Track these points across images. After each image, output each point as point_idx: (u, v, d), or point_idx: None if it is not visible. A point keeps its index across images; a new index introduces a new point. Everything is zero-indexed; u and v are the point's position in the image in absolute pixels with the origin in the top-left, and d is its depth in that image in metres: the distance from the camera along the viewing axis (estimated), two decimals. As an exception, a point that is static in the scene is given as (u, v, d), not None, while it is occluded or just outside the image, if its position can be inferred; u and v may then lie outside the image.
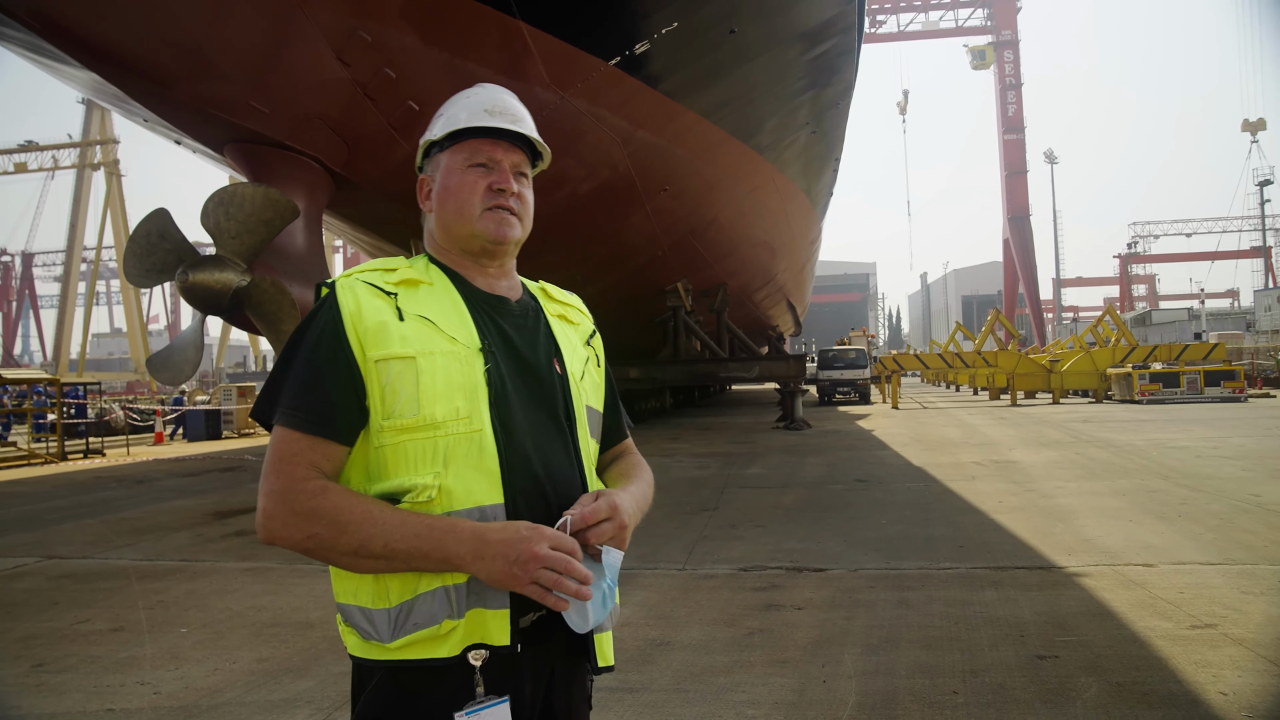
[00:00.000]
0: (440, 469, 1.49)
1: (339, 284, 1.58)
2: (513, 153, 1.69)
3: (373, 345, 1.51)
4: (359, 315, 1.53)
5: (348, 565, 1.49)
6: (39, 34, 8.53)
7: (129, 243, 9.12)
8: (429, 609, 1.47)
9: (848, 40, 19.01)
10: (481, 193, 1.64)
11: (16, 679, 4.69)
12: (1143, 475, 10.79)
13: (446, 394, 1.51)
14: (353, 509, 1.45)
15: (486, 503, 1.49)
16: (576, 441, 1.66)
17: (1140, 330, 53.80)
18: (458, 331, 1.57)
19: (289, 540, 1.47)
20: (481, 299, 1.66)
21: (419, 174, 1.76)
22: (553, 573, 1.41)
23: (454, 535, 1.43)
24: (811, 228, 30.19)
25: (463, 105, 1.69)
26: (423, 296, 1.60)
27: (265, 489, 1.49)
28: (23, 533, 9.43)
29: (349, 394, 1.51)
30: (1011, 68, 70.72)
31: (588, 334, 1.85)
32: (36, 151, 64.15)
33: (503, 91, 1.73)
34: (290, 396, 1.52)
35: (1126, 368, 29.22)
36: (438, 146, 1.70)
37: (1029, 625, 4.97)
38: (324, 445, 1.50)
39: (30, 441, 21.14)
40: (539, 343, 1.68)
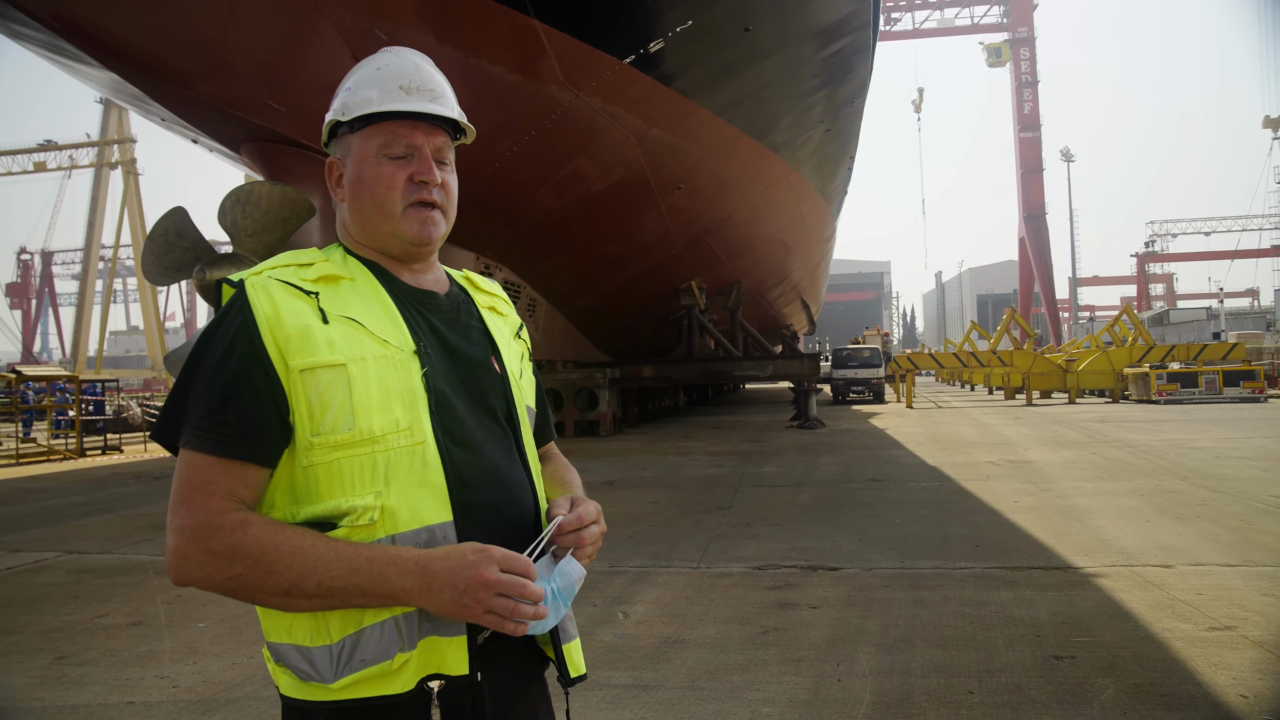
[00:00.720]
0: (381, 488, 1.33)
1: (249, 283, 1.38)
2: (434, 135, 1.50)
3: (296, 353, 1.34)
4: (276, 319, 1.34)
5: (278, 606, 1.32)
6: (59, 34, 8.61)
7: (147, 241, 9.19)
8: (378, 643, 1.31)
9: (863, 38, 18.95)
10: (401, 187, 1.46)
11: (40, 671, 4.74)
12: (1160, 476, 10.72)
13: (383, 404, 1.35)
14: (280, 545, 1.27)
15: (434, 521, 1.35)
16: (522, 445, 1.54)
17: (1158, 330, 53.41)
18: (389, 333, 1.40)
19: (207, 582, 1.30)
20: (409, 294, 1.49)
21: (326, 155, 1.56)
22: (507, 599, 1.27)
23: (396, 568, 1.27)
24: (826, 226, 30.12)
25: (373, 79, 1.49)
26: (345, 295, 1.42)
27: (175, 524, 1.31)
28: (43, 528, 9.53)
29: (269, 409, 1.33)
30: (1027, 65, 70.28)
31: (516, 327, 1.71)
32: (55, 151, 64.63)
33: (417, 59, 1.54)
34: (200, 415, 1.33)
35: (1144, 367, 29.02)
36: (346, 127, 1.50)
37: (1045, 625, 4.95)
38: (242, 470, 1.32)
39: (50, 438, 21.33)
40: (474, 340, 1.54)
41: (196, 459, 1.32)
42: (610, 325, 21.27)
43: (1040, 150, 70.50)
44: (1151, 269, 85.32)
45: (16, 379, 21.31)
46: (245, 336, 1.34)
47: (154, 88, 9.55)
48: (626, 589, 6.05)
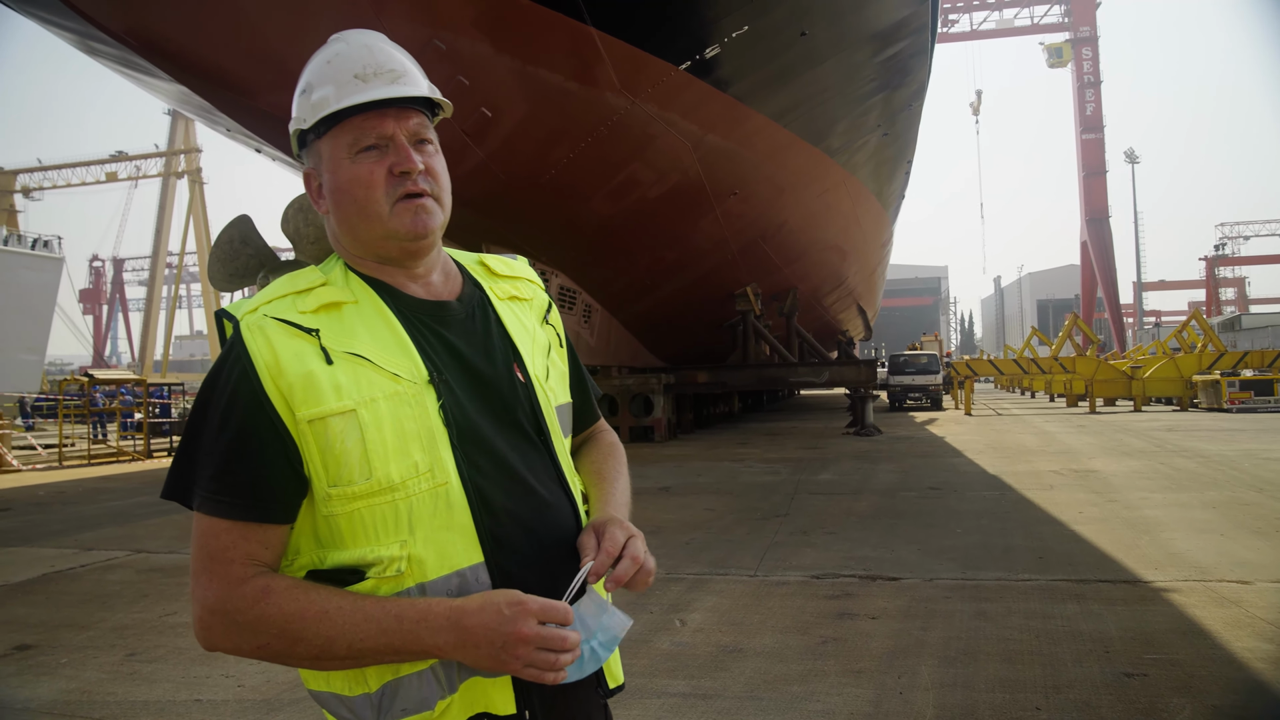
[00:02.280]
0: (406, 536, 1.26)
1: (244, 325, 1.29)
2: (406, 118, 1.36)
3: (302, 403, 1.25)
4: (277, 367, 1.25)
5: (313, 668, 1.28)
6: (133, 50, 8.89)
7: (213, 248, 9.33)
8: (417, 692, 1.28)
9: (920, 41, 18.71)
10: (382, 183, 1.33)
11: (112, 666, 4.88)
12: (1234, 487, 10.37)
13: (400, 448, 1.27)
14: (305, 612, 1.21)
15: (464, 564, 1.28)
16: (554, 455, 1.43)
17: (1229, 336, 51.72)
18: (399, 365, 1.30)
19: (235, 651, 1.27)
20: (418, 310, 1.38)
21: (300, 165, 1.45)
22: (547, 653, 1.20)
23: (427, 624, 1.21)
24: (883, 231, 29.78)
25: (327, 76, 1.36)
26: (349, 323, 1.32)
27: (197, 594, 1.26)
28: (113, 527, 9.81)
29: (280, 465, 1.26)
30: (1090, 65, 68.68)
31: (544, 309, 1.57)
32: (125, 161, 66.71)
33: (369, 38, 1.40)
34: (209, 476, 1.26)
35: (1214, 374, 28.12)
36: (313, 134, 1.38)
37: (1114, 641, 4.81)
38: (259, 531, 1.26)
39: (119, 439, 21.99)
40: (494, 350, 1.42)
41: (210, 524, 1.26)
42: (665, 331, 21.28)
43: (1103, 152, 68.79)
44: (1222, 273, 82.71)
45: (88, 382, 22.02)
46: (247, 389, 1.25)
47: (221, 99, 9.81)
48: (683, 596, 6.03)
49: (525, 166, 12.17)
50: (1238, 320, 59.14)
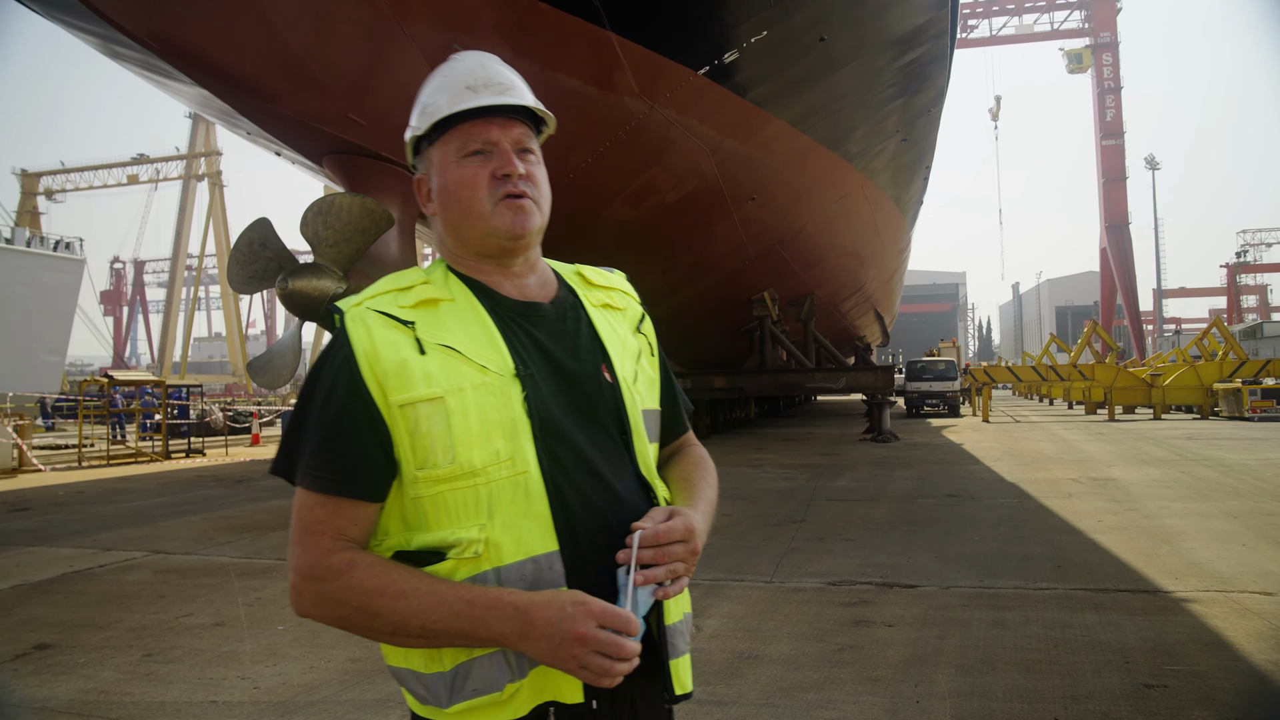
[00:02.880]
0: (485, 520, 1.33)
1: (349, 316, 1.39)
2: (510, 127, 1.47)
3: (394, 388, 1.34)
4: (374, 354, 1.35)
5: (389, 642, 1.36)
6: (156, 53, 8.96)
7: (233, 251, 9.48)
8: (487, 674, 1.33)
9: (939, 46, 18.64)
10: (485, 185, 1.43)
11: (129, 667, 4.90)
12: (1257, 497, 10.25)
13: (483, 436, 1.34)
14: (384, 589, 1.29)
15: (539, 551, 1.34)
16: (635, 456, 1.47)
17: (1250, 344, 51.20)
18: (488, 358, 1.38)
19: (321, 619, 1.35)
20: (511, 309, 1.46)
21: (412, 174, 1.55)
22: (603, 658, 1.25)
23: (496, 612, 1.28)
24: (901, 236, 29.66)
25: (440, 87, 1.47)
26: (444, 318, 1.41)
27: (292, 562, 1.36)
28: (131, 527, 9.88)
29: (372, 447, 1.34)
30: (1110, 71, 68.22)
31: (637, 319, 1.62)
32: (147, 164, 67.30)
33: (482, 58, 1.51)
34: (309, 453, 1.36)
35: (1235, 383, 27.85)
36: (425, 140, 1.49)
37: (1134, 651, 4.76)
38: (350, 507, 1.34)
39: (138, 440, 22.16)
40: (582, 350, 1.48)
41: (307, 498, 1.36)
42: (682, 336, 21.24)
43: (1123, 158, 68.31)
44: (1243, 280, 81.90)
45: (108, 383, 22.21)
46: (346, 375, 1.35)
47: (243, 103, 9.86)
48: (699, 602, 6.01)
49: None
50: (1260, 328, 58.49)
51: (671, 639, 1.45)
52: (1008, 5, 70.90)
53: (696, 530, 1.41)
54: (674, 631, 1.46)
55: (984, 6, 70.39)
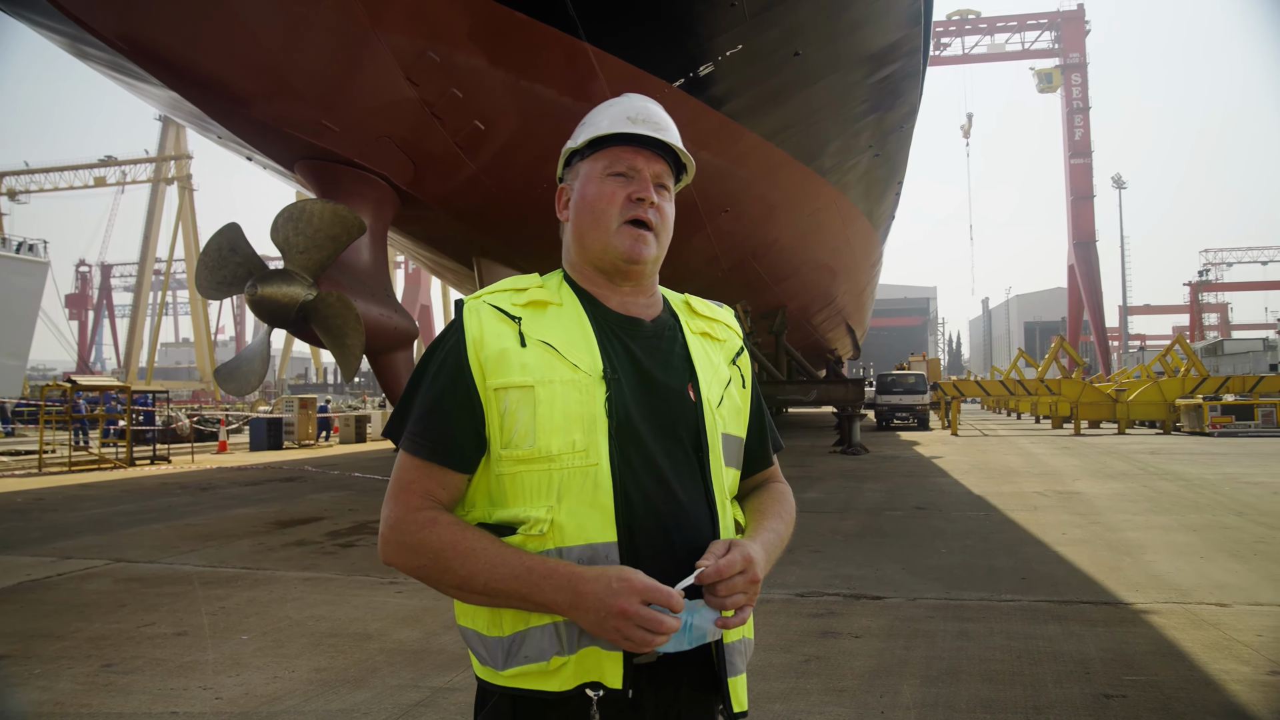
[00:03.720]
0: (553, 503, 1.45)
1: (467, 306, 1.56)
2: (654, 162, 1.62)
3: (493, 373, 1.49)
4: (481, 341, 1.50)
5: (455, 596, 1.49)
6: (125, 55, 8.86)
7: (201, 255, 9.39)
8: (539, 644, 1.45)
9: (913, 63, 18.86)
10: (620, 203, 1.57)
11: (87, 677, 4.82)
12: (1215, 510, 10.43)
13: (564, 426, 1.46)
14: (457, 545, 1.43)
15: (598, 540, 1.44)
16: (708, 474, 1.55)
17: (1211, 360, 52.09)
18: (581, 358, 1.51)
19: (402, 567, 1.48)
20: (612, 321, 1.58)
21: (559, 184, 1.71)
22: (644, 631, 1.35)
23: (551, 581, 1.39)
24: (873, 251, 29.92)
25: (605, 113, 1.63)
26: (550, 320, 1.55)
27: (384, 514, 1.50)
28: (93, 535, 9.72)
29: (466, 422, 1.49)
30: (1079, 91, 69.36)
31: (734, 351, 1.73)
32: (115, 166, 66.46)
33: (649, 101, 1.67)
34: (413, 421, 1.52)
35: (1197, 399, 28.32)
36: (579, 155, 1.65)
37: (1095, 662, 4.82)
38: (440, 473, 1.49)
39: (100, 446, 21.81)
40: (672, 366, 1.59)
41: (405, 459, 1.51)
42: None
43: (1091, 177, 69.40)
44: (1205, 298, 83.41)
45: (71, 388, 21.85)
46: (455, 357, 1.51)
47: (214, 107, 9.78)
48: (666, 612, 6.00)
49: (518, 180, 12.19)
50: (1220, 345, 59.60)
51: (730, 657, 1.53)
52: (980, 24, 71.93)
53: (755, 560, 1.46)
54: (733, 650, 1.54)
55: (956, 25, 71.34)
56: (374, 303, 10.13)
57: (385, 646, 5.34)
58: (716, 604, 1.42)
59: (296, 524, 10.41)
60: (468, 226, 12.85)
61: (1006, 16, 72.28)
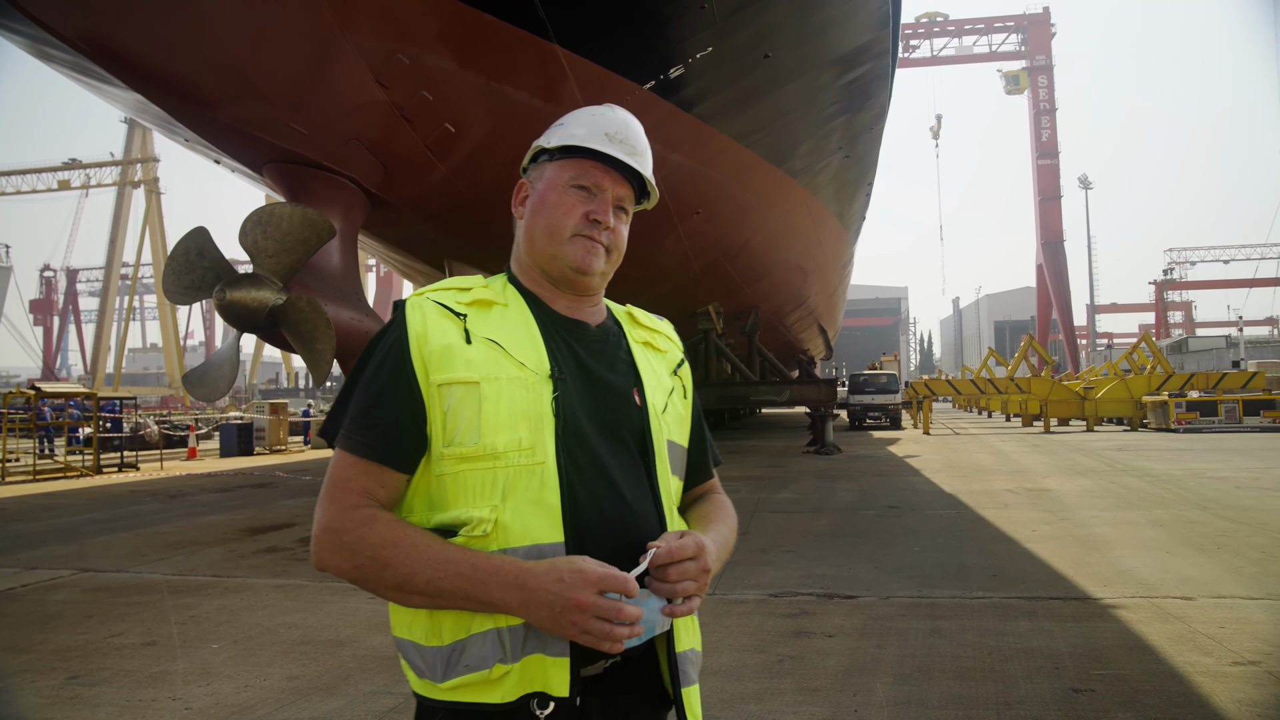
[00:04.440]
0: (497, 502, 1.40)
1: (409, 303, 1.52)
2: (620, 185, 1.59)
3: (436, 369, 1.44)
4: (425, 337, 1.46)
5: (395, 599, 1.43)
6: (87, 56, 8.73)
7: (168, 260, 9.27)
8: (480, 651, 1.39)
9: (882, 65, 19.01)
10: (577, 218, 1.55)
11: (52, 690, 4.74)
12: (1180, 505, 10.59)
13: (510, 423, 1.42)
14: (397, 542, 1.38)
15: (544, 541, 1.39)
16: (655, 478, 1.54)
17: (1176, 358, 52.95)
18: (527, 356, 1.48)
19: (337, 569, 1.42)
20: (558, 322, 1.56)
21: (522, 175, 1.67)
22: (603, 622, 1.30)
23: (498, 577, 1.34)
24: (844, 251, 30.10)
25: (584, 122, 1.60)
26: (494, 319, 1.52)
27: (318, 514, 1.44)
28: (59, 545, 9.57)
29: (408, 419, 1.44)
30: (1045, 92, 70.25)
31: (675, 363, 1.72)
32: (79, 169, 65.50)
33: (631, 120, 1.65)
34: (351, 419, 1.47)
35: (1162, 395, 28.77)
36: (547, 154, 1.61)
37: (1064, 657, 4.88)
38: (379, 471, 1.44)
39: (66, 454, 21.47)
40: (618, 370, 1.58)
41: (343, 457, 1.46)
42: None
43: (1058, 177, 70.30)
44: (1170, 296, 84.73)
45: (35, 395, 21.50)
46: (397, 352, 1.46)
47: (180, 110, 9.65)
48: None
49: (489, 182, 12.14)
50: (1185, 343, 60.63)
51: (683, 667, 1.50)
52: (948, 27, 72.66)
53: (707, 549, 1.44)
54: (685, 660, 1.52)
55: (925, 28, 72.01)
56: (345, 306, 10.04)
57: (358, 653, 5.30)
58: (665, 590, 1.39)
59: (268, 530, 10.31)
60: (439, 229, 12.78)
61: (974, 19, 73.14)
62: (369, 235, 13.17)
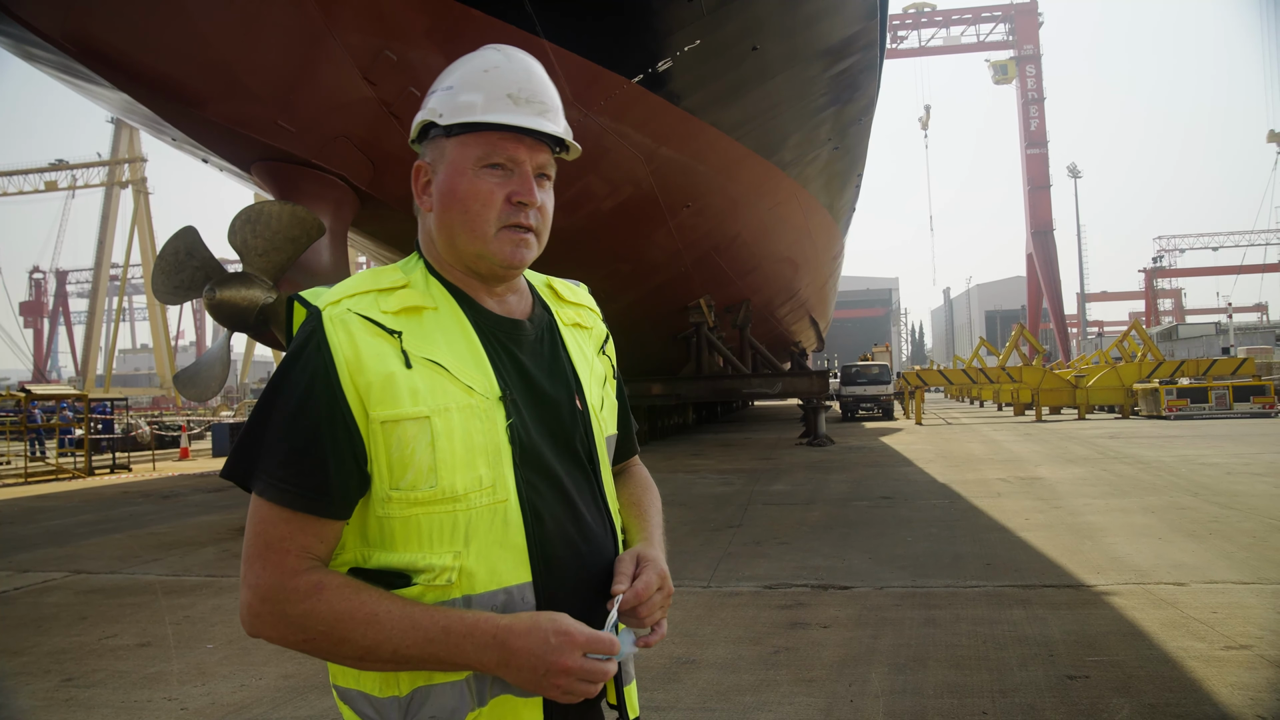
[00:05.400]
0: (460, 548, 1.27)
1: (327, 316, 1.28)
2: (538, 151, 1.39)
3: (378, 403, 1.25)
4: (357, 363, 1.25)
5: (354, 667, 1.28)
6: (73, 56, 8.68)
7: (157, 260, 9.24)
8: (448, 701, 1.27)
9: (870, 56, 19.02)
10: (499, 206, 1.35)
11: (47, 693, 4.73)
12: (1172, 492, 10.65)
13: (467, 460, 1.28)
14: (354, 614, 1.21)
15: (512, 583, 1.29)
16: (601, 486, 1.46)
17: (1167, 345, 53.20)
18: (474, 379, 1.31)
19: (280, 641, 1.26)
20: (494, 325, 1.40)
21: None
22: (585, 683, 1.23)
23: (473, 640, 1.22)
24: (834, 243, 30.13)
25: (477, 83, 1.37)
26: (429, 330, 1.33)
27: (249, 580, 1.24)
28: (52, 547, 9.53)
29: (347, 462, 1.25)
30: (1033, 82, 70.34)
31: (601, 339, 1.61)
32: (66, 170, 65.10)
33: (529, 64, 1.42)
34: (276, 461, 1.25)
35: (1153, 383, 28.89)
36: (443, 131, 1.38)
37: (1058, 644, 4.91)
38: (318, 525, 1.25)
39: (58, 456, 21.38)
40: (558, 375, 1.45)
41: (270, 511, 1.25)
42: (620, 343, 21.20)
43: (1047, 166, 70.43)
44: (1160, 284, 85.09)
45: (25, 397, 21.41)
46: (324, 382, 1.25)
47: (167, 109, 9.60)
48: (636, 608, 6.01)
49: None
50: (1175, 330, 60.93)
51: (625, 668, 1.48)
52: (935, 17, 72.66)
53: (666, 574, 1.42)
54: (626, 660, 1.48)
55: (912, 18, 72.01)
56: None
57: (354, 651, 5.30)
58: (636, 624, 1.36)
59: (261, 530, 10.28)
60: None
61: (961, 9, 73.11)
62: (359, 233, 13.13)
